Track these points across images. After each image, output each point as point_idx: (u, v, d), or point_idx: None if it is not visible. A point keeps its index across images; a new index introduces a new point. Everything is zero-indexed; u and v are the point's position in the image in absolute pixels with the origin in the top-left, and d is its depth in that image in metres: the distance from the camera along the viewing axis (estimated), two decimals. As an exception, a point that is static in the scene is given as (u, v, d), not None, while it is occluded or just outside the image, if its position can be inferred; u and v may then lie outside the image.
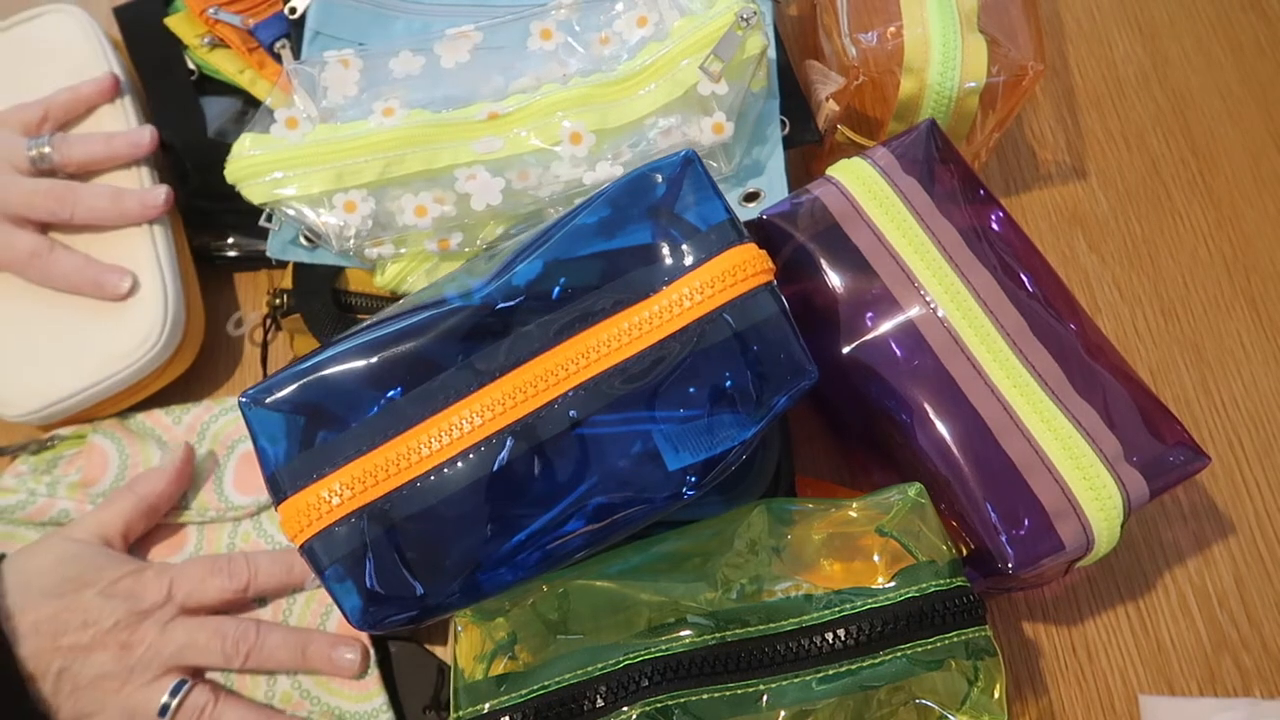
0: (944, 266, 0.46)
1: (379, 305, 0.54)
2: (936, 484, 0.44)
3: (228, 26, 0.56)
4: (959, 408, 0.44)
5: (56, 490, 0.51)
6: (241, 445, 0.53)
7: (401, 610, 0.40)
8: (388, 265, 0.52)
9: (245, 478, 0.52)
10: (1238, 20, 0.68)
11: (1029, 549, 0.42)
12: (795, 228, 0.49)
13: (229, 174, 0.50)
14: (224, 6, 0.55)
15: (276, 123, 0.50)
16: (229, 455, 0.53)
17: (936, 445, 0.44)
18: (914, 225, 0.47)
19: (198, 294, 0.57)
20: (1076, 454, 0.43)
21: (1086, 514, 0.42)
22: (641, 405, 0.40)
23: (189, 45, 0.57)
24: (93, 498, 0.50)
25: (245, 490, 0.52)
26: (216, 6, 0.55)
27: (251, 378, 0.58)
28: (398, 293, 0.52)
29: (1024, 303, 0.46)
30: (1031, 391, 0.44)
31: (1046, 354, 0.45)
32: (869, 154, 0.50)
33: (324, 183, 0.49)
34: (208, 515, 0.51)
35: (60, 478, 0.51)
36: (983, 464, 0.43)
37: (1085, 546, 0.43)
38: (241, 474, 0.52)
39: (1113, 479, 0.42)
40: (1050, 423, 0.43)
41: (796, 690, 0.38)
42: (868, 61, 0.53)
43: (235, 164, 0.50)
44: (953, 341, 0.45)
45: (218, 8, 0.55)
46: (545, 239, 0.42)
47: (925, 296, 0.46)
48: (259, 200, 0.50)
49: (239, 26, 0.55)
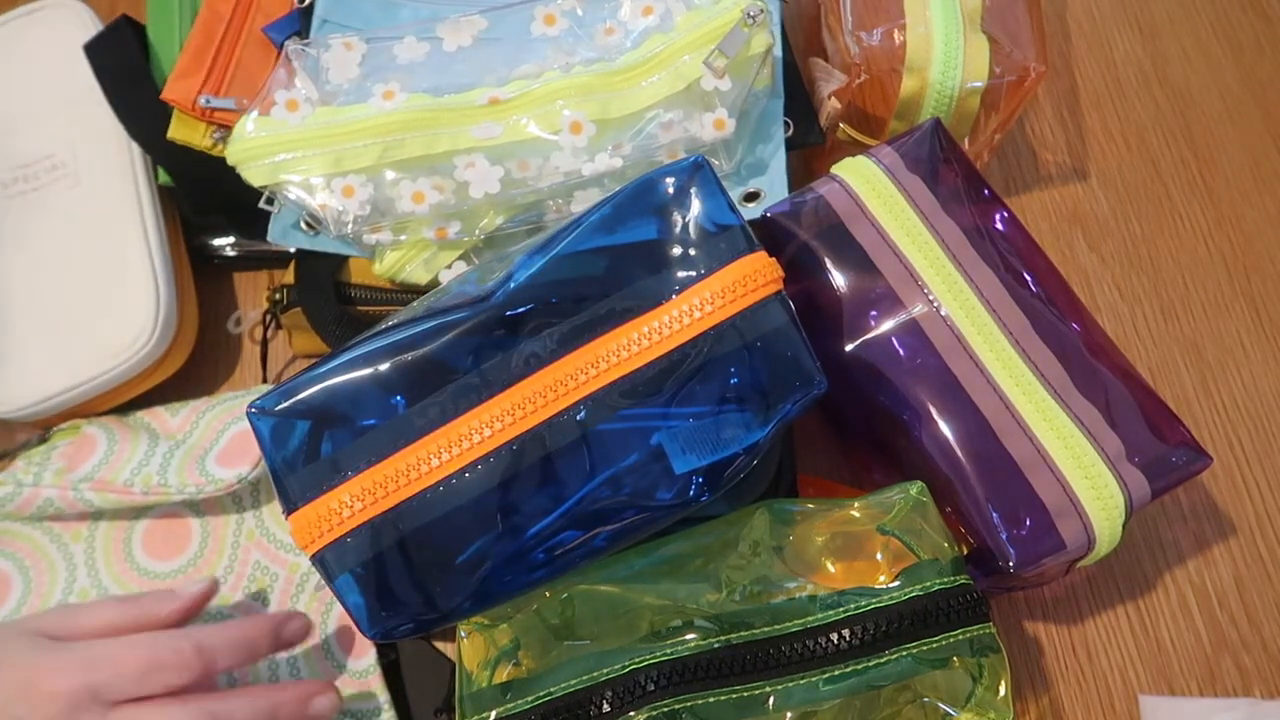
0: (947, 265, 0.47)
1: (381, 297, 0.54)
2: (938, 482, 0.45)
3: (226, 113, 0.53)
4: (961, 406, 0.45)
5: (42, 479, 0.51)
6: (233, 426, 0.53)
7: (412, 619, 0.40)
8: (386, 252, 0.52)
9: (230, 454, 0.52)
10: (1238, 20, 0.68)
11: (1030, 548, 0.43)
12: (799, 226, 0.49)
13: (230, 156, 0.50)
14: (212, 94, 0.53)
15: (277, 105, 0.51)
16: (218, 438, 0.52)
17: (939, 444, 0.45)
18: (918, 224, 0.48)
19: (192, 292, 0.57)
20: (1078, 453, 0.43)
21: (1088, 513, 0.43)
22: (650, 414, 0.40)
23: (203, 148, 0.54)
24: (74, 483, 0.50)
25: (228, 464, 0.51)
26: (207, 96, 0.53)
27: (251, 376, 0.59)
28: (397, 280, 0.52)
29: (1027, 302, 0.46)
30: (1034, 390, 0.45)
31: (1049, 353, 0.45)
32: (873, 152, 0.50)
33: (323, 166, 0.49)
34: (187, 490, 0.50)
35: (46, 465, 0.51)
36: (985, 462, 0.44)
37: (1086, 546, 0.43)
38: (227, 452, 0.52)
39: (1114, 478, 0.43)
40: (1052, 422, 0.44)
41: (803, 691, 0.39)
42: (870, 60, 0.53)
43: (236, 146, 0.50)
44: (956, 340, 0.46)
45: (207, 96, 0.53)
46: (554, 244, 0.42)
47: (929, 295, 0.47)
48: (260, 183, 0.50)
49: (236, 110, 0.53)
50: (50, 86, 0.58)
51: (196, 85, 0.53)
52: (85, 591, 0.51)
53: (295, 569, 0.52)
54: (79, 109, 0.57)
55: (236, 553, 0.53)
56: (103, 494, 0.50)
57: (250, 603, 0.52)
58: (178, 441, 0.52)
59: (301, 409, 0.41)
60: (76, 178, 0.56)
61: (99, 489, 0.50)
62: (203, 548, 0.52)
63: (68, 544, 0.52)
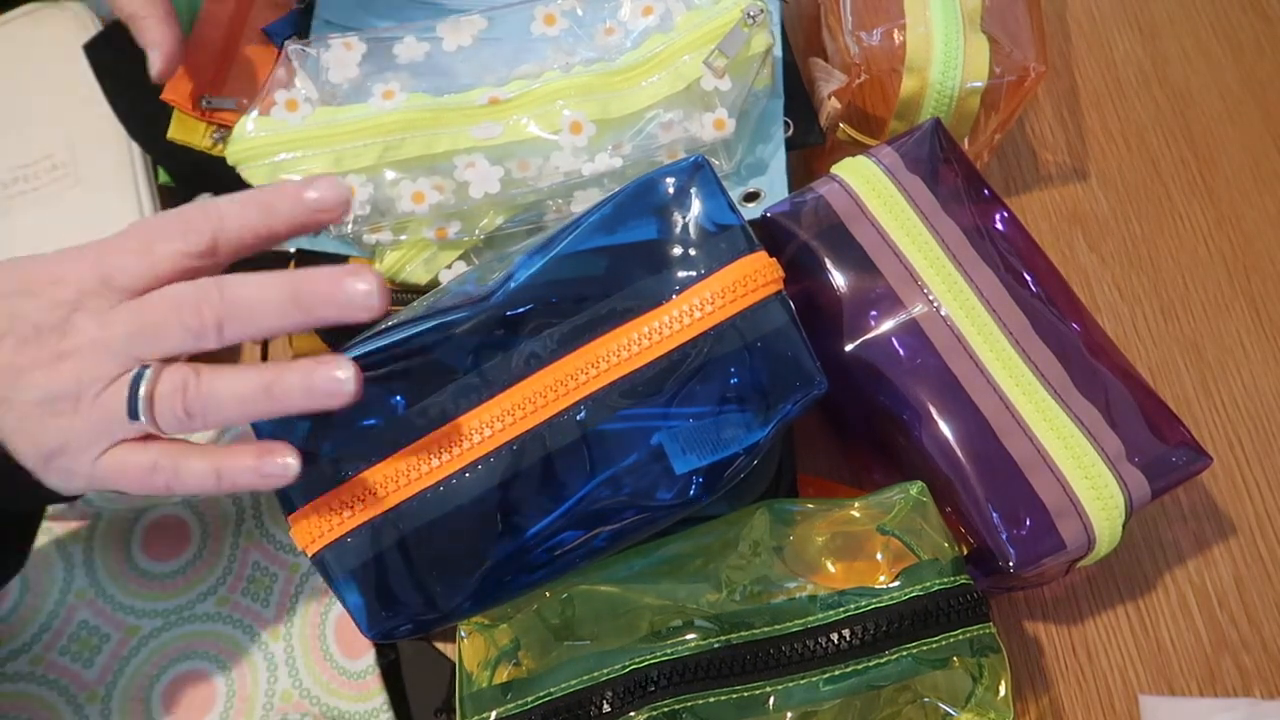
0: (947, 265, 0.47)
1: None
2: (938, 482, 0.45)
3: (226, 113, 0.53)
4: (961, 406, 0.45)
5: None
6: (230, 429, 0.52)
7: (412, 619, 0.40)
8: (386, 252, 0.52)
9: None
10: (1238, 20, 0.69)
11: (1030, 548, 0.43)
12: (799, 226, 0.49)
13: (230, 155, 0.50)
14: (214, 95, 0.53)
15: (277, 105, 0.51)
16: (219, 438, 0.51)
17: (939, 444, 0.45)
18: (918, 224, 0.48)
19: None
20: (1078, 453, 0.44)
21: (1088, 513, 0.43)
22: (650, 414, 0.40)
23: (203, 148, 0.54)
24: None
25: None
26: (207, 96, 0.53)
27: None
28: (397, 280, 0.52)
29: (1027, 302, 0.47)
30: (1034, 390, 0.45)
31: (1049, 353, 0.46)
32: (873, 152, 0.51)
33: (323, 166, 0.49)
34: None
35: None
36: (985, 462, 0.44)
37: (1086, 546, 0.44)
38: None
39: (1114, 478, 0.43)
40: (1052, 421, 0.44)
41: (803, 691, 0.39)
42: (870, 60, 0.53)
43: (236, 145, 0.50)
44: (955, 340, 0.46)
45: (208, 97, 0.53)
46: (554, 244, 0.42)
47: (929, 295, 0.47)
48: (260, 182, 0.50)
49: (236, 110, 0.52)
50: (50, 86, 0.58)
51: (196, 85, 0.53)
52: (83, 592, 0.51)
53: (295, 569, 0.53)
54: (79, 109, 0.57)
55: (235, 553, 0.53)
56: (101, 494, 0.50)
57: (249, 604, 0.52)
58: None
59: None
60: (76, 178, 0.57)
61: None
62: (202, 548, 0.52)
63: (66, 544, 0.52)
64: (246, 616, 0.52)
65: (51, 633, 0.49)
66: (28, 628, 0.49)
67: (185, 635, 0.51)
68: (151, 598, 0.51)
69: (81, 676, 0.49)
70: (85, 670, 0.49)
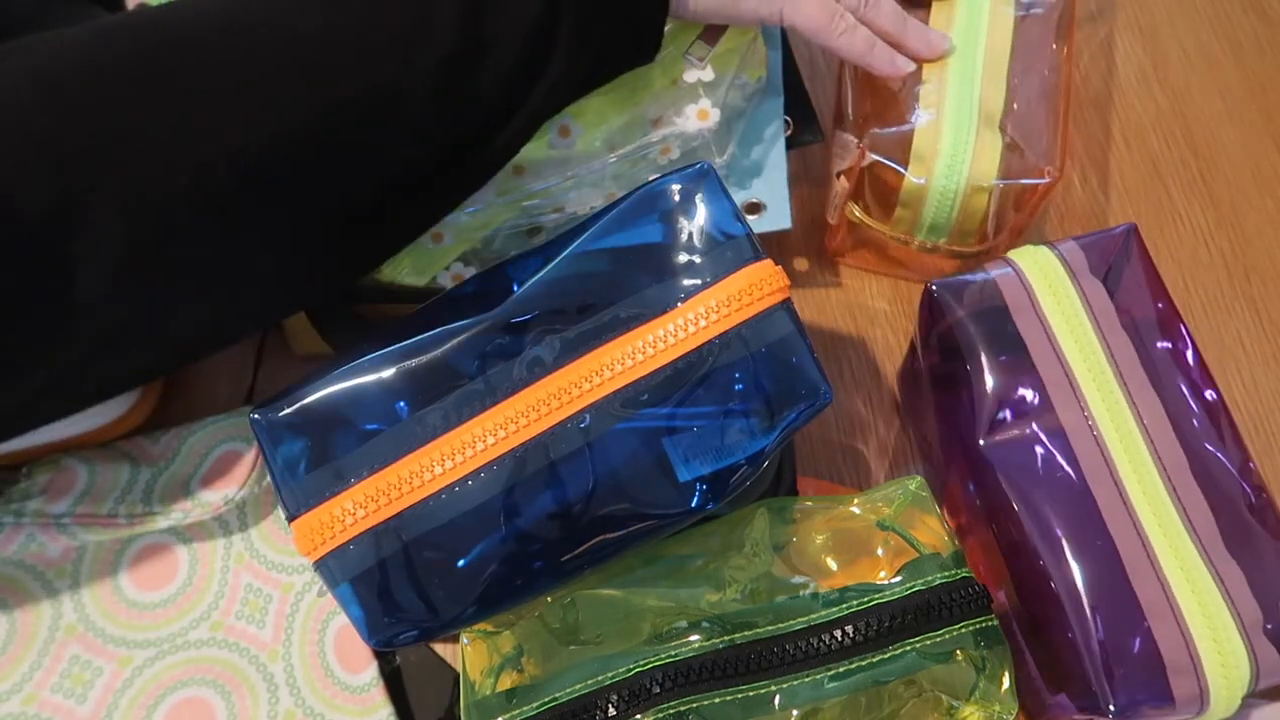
0: (1111, 382, 0.45)
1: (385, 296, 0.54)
2: (1048, 601, 0.43)
3: None
4: (1094, 533, 0.42)
5: (23, 515, 0.50)
6: (217, 449, 0.53)
7: (414, 627, 0.41)
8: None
9: (214, 477, 0.52)
10: (1238, 20, 0.69)
11: (1134, 695, 0.41)
12: (961, 303, 0.48)
13: None
14: None
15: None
16: (202, 461, 0.52)
17: (1060, 565, 0.42)
18: (1089, 332, 0.46)
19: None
20: (1211, 611, 0.41)
21: (1207, 676, 0.40)
22: (654, 421, 0.41)
23: None
24: (56, 517, 0.50)
25: (213, 487, 0.52)
26: None
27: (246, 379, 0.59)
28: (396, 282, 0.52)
29: (1190, 441, 0.44)
30: (1177, 535, 0.42)
31: (1203, 500, 0.43)
32: (1059, 246, 0.49)
33: None
34: (173, 515, 0.51)
35: (26, 501, 0.50)
36: (1106, 598, 0.42)
37: (1198, 709, 0.41)
38: (211, 475, 0.52)
39: (1244, 646, 0.40)
40: (1189, 572, 0.41)
41: (808, 689, 0.40)
42: (877, 146, 0.53)
43: None
44: (1103, 463, 0.44)
45: None
46: (559, 250, 0.43)
47: (1084, 409, 0.45)
48: None
49: None
50: None
51: None
52: (72, 627, 0.51)
53: (289, 588, 0.53)
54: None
55: (226, 577, 0.53)
56: (87, 526, 0.50)
57: (245, 626, 0.52)
58: (160, 468, 0.52)
59: (306, 415, 0.42)
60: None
61: (82, 522, 0.50)
62: (192, 575, 0.52)
63: (51, 581, 0.52)
64: (243, 639, 0.52)
65: (43, 670, 0.49)
66: (18, 668, 0.49)
67: (181, 663, 0.51)
68: (143, 628, 0.51)
69: (76, 713, 0.49)
70: (79, 706, 0.49)
